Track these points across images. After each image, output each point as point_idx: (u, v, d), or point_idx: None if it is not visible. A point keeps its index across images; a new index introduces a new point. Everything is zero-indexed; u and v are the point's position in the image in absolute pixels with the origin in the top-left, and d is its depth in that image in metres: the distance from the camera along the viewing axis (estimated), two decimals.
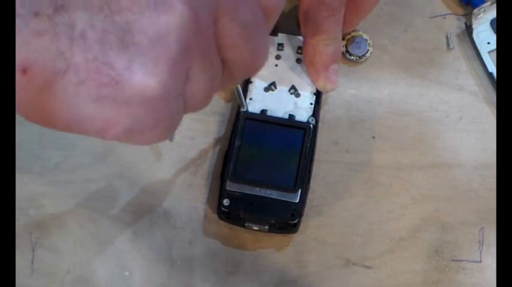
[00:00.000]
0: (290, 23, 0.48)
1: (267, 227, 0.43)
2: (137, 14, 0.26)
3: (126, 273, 0.45)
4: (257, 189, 0.43)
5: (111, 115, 0.27)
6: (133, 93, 0.26)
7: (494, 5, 0.48)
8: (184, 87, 0.29)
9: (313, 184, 0.45)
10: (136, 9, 0.26)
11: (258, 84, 0.46)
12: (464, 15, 0.49)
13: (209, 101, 0.31)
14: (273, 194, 0.43)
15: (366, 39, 0.48)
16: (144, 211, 0.46)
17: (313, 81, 0.45)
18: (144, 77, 0.26)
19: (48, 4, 0.25)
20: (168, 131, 0.29)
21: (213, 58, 0.29)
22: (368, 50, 0.48)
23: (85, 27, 0.26)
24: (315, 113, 0.45)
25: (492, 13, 0.48)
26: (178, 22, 0.27)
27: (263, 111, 0.45)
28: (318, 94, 0.46)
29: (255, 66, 0.32)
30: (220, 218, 0.44)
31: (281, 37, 0.47)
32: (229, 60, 0.31)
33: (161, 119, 0.28)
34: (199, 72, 0.29)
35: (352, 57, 0.48)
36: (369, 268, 0.45)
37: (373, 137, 0.47)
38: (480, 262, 0.45)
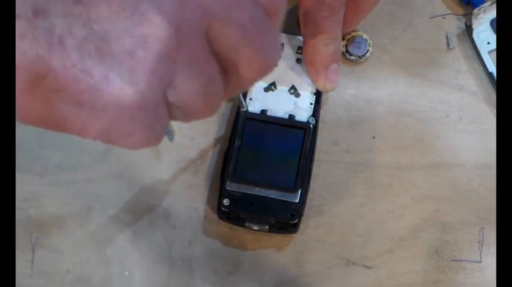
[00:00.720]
0: (290, 23, 0.48)
1: (267, 227, 0.43)
2: (115, 23, 0.26)
3: (126, 273, 0.45)
4: (257, 189, 0.43)
5: (88, 119, 0.27)
6: (110, 101, 0.27)
7: (494, 5, 0.48)
8: (169, 95, 0.29)
9: (313, 184, 0.45)
10: (115, 19, 0.26)
11: (258, 85, 0.46)
12: (464, 15, 0.49)
13: (212, 107, 0.31)
14: (273, 194, 0.43)
15: (366, 39, 0.48)
16: (144, 211, 0.46)
17: (313, 81, 0.45)
18: (120, 86, 0.27)
19: (28, 7, 0.25)
20: (151, 138, 0.30)
21: (204, 65, 0.29)
22: (368, 50, 0.48)
23: (64, 34, 0.26)
24: (315, 113, 0.45)
25: (492, 13, 0.48)
26: (155, 34, 0.27)
27: (263, 111, 0.45)
28: (318, 94, 0.46)
29: (266, 66, 0.31)
30: (220, 218, 0.44)
31: (281, 37, 0.47)
32: (234, 64, 0.30)
33: (139, 126, 0.28)
34: (186, 80, 0.29)
35: (352, 57, 0.48)
36: (369, 268, 0.45)
37: (373, 137, 0.47)
38: (480, 262, 0.45)
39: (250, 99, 0.45)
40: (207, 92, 0.30)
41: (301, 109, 0.45)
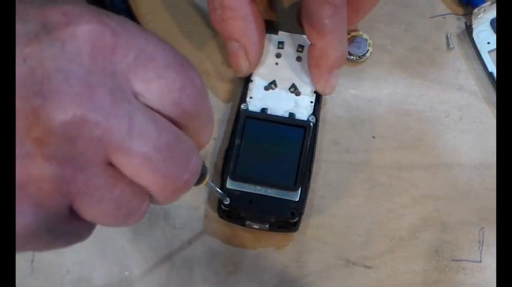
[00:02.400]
0: (290, 21, 0.48)
1: (267, 226, 0.43)
2: None
3: (126, 273, 0.45)
4: (257, 187, 0.43)
5: None
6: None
7: (494, 5, 0.48)
8: (81, 214, 0.29)
9: (313, 183, 0.45)
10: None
11: (258, 83, 0.46)
12: (464, 15, 0.49)
13: (132, 220, 0.31)
14: (273, 192, 0.43)
15: (366, 39, 0.48)
16: None
17: (314, 83, 0.45)
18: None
19: None
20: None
21: (107, 190, 0.28)
22: (368, 50, 0.48)
23: None
24: (315, 112, 0.45)
25: (492, 13, 0.48)
26: (40, 174, 0.26)
27: (263, 110, 0.45)
28: (318, 93, 0.46)
29: (177, 189, 0.30)
30: (221, 216, 0.44)
31: (281, 35, 0.47)
32: (144, 187, 0.30)
33: (40, 245, 0.28)
34: (87, 206, 0.28)
35: (352, 57, 0.48)
36: (369, 268, 0.45)
37: (373, 137, 0.47)
38: (480, 262, 0.45)
39: (251, 97, 0.45)
40: (118, 213, 0.29)
41: (302, 108, 0.45)
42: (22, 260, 0.45)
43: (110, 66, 0.28)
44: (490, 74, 0.48)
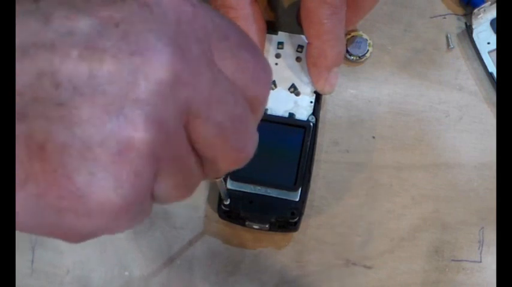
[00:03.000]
0: (290, 22, 0.48)
1: (267, 226, 0.43)
2: (98, 127, 0.25)
3: (126, 273, 0.45)
4: (257, 187, 0.43)
5: (71, 224, 0.26)
6: (93, 207, 0.26)
7: (494, 5, 0.48)
8: (153, 189, 0.28)
9: (313, 184, 0.45)
10: (98, 122, 0.25)
11: None
12: (464, 15, 0.49)
13: (190, 192, 0.30)
14: (273, 192, 0.43)
15: (366, 39, 0.48)
16: None
17: (313, 83, 0.45)
18: (104, 192, 0.26)
19: None
20: (132, 225, 0.29)
21: (185, 160, 0.28)
22: (368, 50, 0.48)
23: (44, 138, 0.25)
24: (315, 112, 0.45)
25: (492, 13, 0.48)
26: (140, 137, 0.26)
27: None
28: (318, 93, 0.46)
29: (241, 159, 0.31)
30: (221, 217, 0.44)
31: (281, 35, 0.47)
32: (210, 158, 0.29)
33: (122, 223, 0.28)
34: (168, 175, 0.28)
35: (352, 57, 0.48)
36: (369, 268, 0.45)
37: (373, 137, 0.47)
38: (480, 262, 0.45)
39: None
40: (185, 183, 0.29)
41: (301, 108, 0.45)
42: (22, 260, 0.45)
43: (193, 33, 0.28)
44: (490, 74, 0.48)
